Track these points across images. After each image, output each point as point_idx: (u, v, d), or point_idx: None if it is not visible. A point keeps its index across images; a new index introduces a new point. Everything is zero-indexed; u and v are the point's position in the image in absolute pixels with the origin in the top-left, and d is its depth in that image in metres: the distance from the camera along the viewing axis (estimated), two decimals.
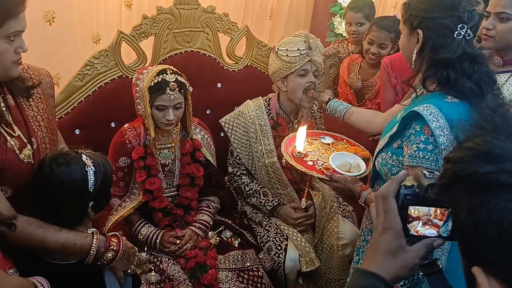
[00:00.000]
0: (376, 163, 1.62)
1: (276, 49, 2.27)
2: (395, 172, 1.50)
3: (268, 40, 3.52)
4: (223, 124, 2.35)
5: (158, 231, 1.99)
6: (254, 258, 2.06)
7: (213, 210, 2.14)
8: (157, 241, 1.96)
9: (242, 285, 1.94)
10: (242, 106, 2.36)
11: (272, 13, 3.52)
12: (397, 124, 1.50)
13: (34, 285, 1.25)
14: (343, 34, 3.47)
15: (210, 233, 2.10)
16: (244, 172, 2.38)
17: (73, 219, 1.46)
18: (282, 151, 1.95)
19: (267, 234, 2.24)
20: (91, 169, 1.43)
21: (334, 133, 2.11)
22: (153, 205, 1.99)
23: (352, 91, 2.78)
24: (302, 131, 2.00)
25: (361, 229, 1.84)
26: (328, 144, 2.07)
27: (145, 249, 1.97)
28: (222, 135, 2.46)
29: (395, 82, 2.29)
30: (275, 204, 2.29)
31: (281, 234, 2.24)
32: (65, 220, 1.44)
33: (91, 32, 2.89)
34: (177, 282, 1.89)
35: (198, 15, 2.37)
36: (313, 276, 2.39)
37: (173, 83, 1.88)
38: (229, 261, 1.99)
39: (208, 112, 2.53)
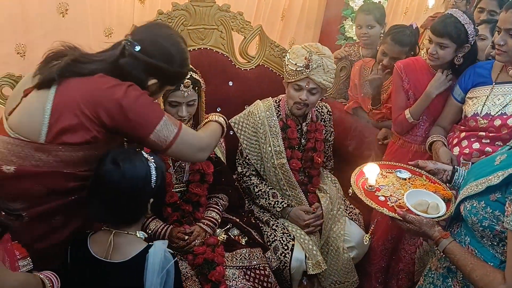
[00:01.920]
0: (462, 208, 1.51)
1: (287, 53, 2.26)
2: (486, 225, 1.41)
3: (279, 41, 3.51)
4: (232, 124, 2.35)
5: (167, 226, 1.99)
6: (261, 257, 2.06)
7: (221, 208, 2.15)
8: (165, 236, 1.96)
9: (248, 283, 1.94)
10: (252, 106, 2.36)
11: (284, 14, 3.53)
12: (500, 175, 1.37)
13: (42, 281, 1.23)
14: (354, 38, 3.48)
15: (218, 230, 2.10)
16: (253, 172, 2.38)
17: (132, 217, 1.45)
18: (351, 181, 1.78)
19: (274, 233, 2.24)
20: (153, 164, 1.41)
21: (412, 168, 1.87)
22: None
23: (362, 94, 2.79)
24: (375, 165, 1.81)
25: (428, 268, 1.73)
26: (405, 179, 1.83)
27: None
28: (231, 133, 2.46)
29: (408, 87, 2.29)
30: (284, 205, 2.29)
31: (288, 234, 2.24)
32: (124, 218, 1.43)
33: (103, 26, 2.89)
34: (184, 278, 1.89)
35: (213, 12, 2.38)
36: (318, 277, 2.39)
37: (188, 80, 1.88)
38: (236, 259, 1.99)
39: (218, 110, 2.53)
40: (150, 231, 1.98)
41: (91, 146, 1.43)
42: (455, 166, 1.78)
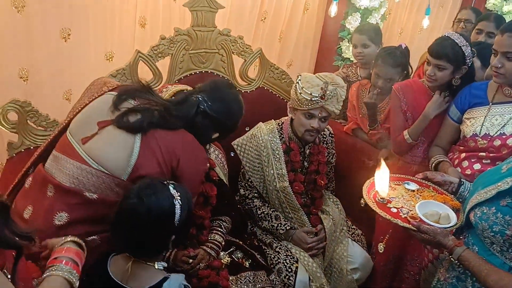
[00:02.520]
0: (472, 215, 1.56)
1: (297, 80, 2.25)
2: (497, 230, 1.47)
3: (277, 61, 3.57)
4: (235, 146, 2.37)
5: (171, 250, 1.98)
6: (266, 279, 2.06)
7: (225, 230, 2.15)
8: (170, 259, 1.96)
9: None
10: (255, 129, 2.38)
11: (282, 36, 3.58)
12: (510, 181, 1.44)
13: None
14: (351, 59, 3.53)
15: (221, 253, 2.10)
16: (256, 195, 2.39)
17: (152, 251, 1.46)
18: (363, 195, 1.81)
19: (278, 256, 2.24)
20: (178, 202, 1.41)
21: (419, 179, 1.92)
22: None
23: (361, 115, 2.82)
24: (385, 176, 1.82)
25: (436, 279, 1.77)
26: (413, 191, 1.87)
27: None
28: (232, 154, 2.47)
29: (406, 108, 2.33)
30: (287, 228, 2.30)
31: (292, 257, 2.24)
32: (144, 251, 1.44)
33: (105, 50, 2.93)
34: None
35: (214, 37, 2.42)
36: None
37: None
38: (241, 282, 1.99)
39: None
40: None
41: None
42: (461, 179, 1.82)
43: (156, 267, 1.45)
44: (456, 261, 1.54)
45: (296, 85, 2.22)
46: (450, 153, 2.22)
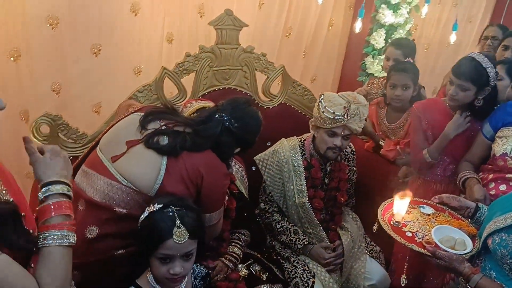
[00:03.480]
0: (490, 241, 1.54)
1: (320, 99, 2.27)
2: None
3: (301, 77, 3.63)
4: (257, 161, 2.42)
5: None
6: None
7: (243, 243, 2.19)
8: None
9: None
10: (277, 145, 2.42)
11: (306, 52, 3.63)
12: None
13: None
14: (375, 74, 3.54)
15: (239, 265, 2.14)
16: (276, 209, 2.43)
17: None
18: (378, 217, 1.81)
19: (295, 270, 2.26)
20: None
21: (434, 203, 1.91)
22: None
23: (380, 133, 2.83)
24: (404, 201, 1.82)
25: None
26: (429, 215, 1.86)
27: None
28: (254, 169, 2.52)
29: (426, 127, 2.33)
30: (305, 243, 2.32)
31: (309, 271, 2.25)
32: None
33: (133, 65, 3.05)
34: None
35: (237, 54, 2.49)
36: None
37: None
38: None
39: None
40: None
41: None
42: (478, 204, 1.80)
43: None
44: None
45: (319, 104, 2.25)
46: (479, 172, 2.20)
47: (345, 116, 2.16)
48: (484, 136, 2.19)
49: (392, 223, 1.76)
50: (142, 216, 1.45)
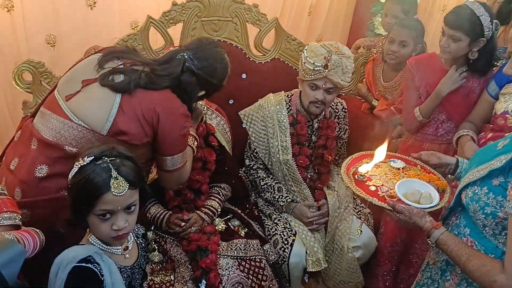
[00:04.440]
0: (463, 196, 1.45)
1: (304, 49, 2.20)
2: (489, 212, 1.35)
3: (306, 37, 3.49)
4: (242, 116, 2.35)
5: (166, 212, 2.02)
6: (258, 248, 2.04)
7: (222, 197, 2.15)
8: (163, 221, 1.99)
9: (242, 274, 1.93)
10: (263, 100, 2.34)
11: (311, 10, 3.48)
12: (503, 159, 1.33)
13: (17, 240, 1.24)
14: (383, 35, 3.37)
15: (217, 219, 2.10)
16: (261, 166, 2.37)
17: None
18: (341, 171, 1.76)
19: (275, 227, 2.22)
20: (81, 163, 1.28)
21: (407, 157, 1.81)
22: None
23: (377, 92, 2.71)
24: (377, 155, 1.74)
25: (426, 263, 1.68)
26: (398, 169, 1.77)
27: (152, 228, 2.01)
28: (244, 126, 2.45)
29: (419, 84, 2.19)
30: (288, 200, 2.27)
31: (290, 229, 2.20)
32: None
33: (130, 19, 2.98)
34: (178, 264, 1.91)
35: (227, 4, 2.40)
36: (322, 277, 2.34)
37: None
38: (231, 248, 1.99)
39: (231, 102, 2.54)
40: (149, 215, 2.02)
41: (141, 148, 1.62)
42: (458, 158, 1.69)
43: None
44: (434, 245, 1.44)
45: (302, 54, 2.16)
46: (482, 132, 2.07)
47: (326, 67, 2.05)
48: (489, 94, 2.04)
49: (356, 177, 1.68)
50: (72, 172, 1.29)
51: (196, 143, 1.90)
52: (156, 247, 1.97)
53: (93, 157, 1.27)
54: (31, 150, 1.57)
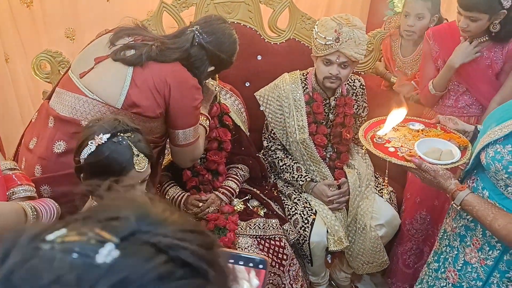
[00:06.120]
0: (482, 156, 1.39)
1: (315, 25, 2.16)
2: None
3: (325, 14, 3.41)
4: (258, 97, 2.32)
5: (183, 194, 2.02)
6: (278, 227, 2.02)
7: (240, 178, 2.14)
8: (182, 203, 2.00)
9: (262, 253, 1.91)
10: (278, 79, 2.31)
11: None
12: None
13: (24, 211, 1.27)
14: None
15: (235, 200, 2.10)
16: (279, 147, 2.34)
17: None
18: (359, 134, 1.70)
19: (295, 207, 2.19)
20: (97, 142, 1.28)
21: (427, 120, 1.75)
22: None
23: (396, 69, 2.63)
24: (391, 118, 1.67)
25: (443, 230, 1.63)
26: (417, 131, 1.70)
27: None
28: (262, 109, 2.43)
29: (436, 56, 2.10)
30: (308, 180, 2.23)
31: (310, 208, 2.17)
32: None
33: (146, 9, 3.01)
34: None
35: None
36: (346, 257, 2.29)
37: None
38: (250, 228, 1.97)
39: (247, 85, 2.52)
40: (168, 197, 2.03)
41: (155, 120, 1.63)
42: (477, 126, 1.61)
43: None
44: (459, 207, 1.38)
45: (313, 30, 2.12)
46: None
47: (337, 41, 2.00)
48: None
49: (374, 140, 1.63)
50: (87, 151, 1.26)
51: (208, 122, 1.90)
52: None
53: (109, 134, 1.27)
54: (48, 128, 1.61)
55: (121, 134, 1.29)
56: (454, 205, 1.40)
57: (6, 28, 2.67)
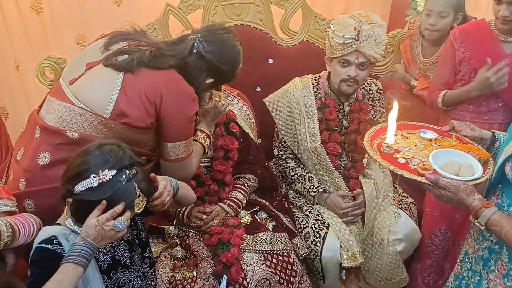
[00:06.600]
0: (508, 167, 1.28)
1: (330, 24, 2.04)
2: None
3: (343, 13, 3.27)
4: (267, 103, 2.20)
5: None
6: (286, 242, 1.89)
7: (248, 189, 2.03)
8: (185, 214, 1.90)
9: (269, 269, 1.78)
10: (288, 84, 2.18)
11: None
12: None
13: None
14: None
15: (242, 212, 1.98)
16: (290, 156, 2.21)
17: None
18: (364, 142, 1.58)
19: (306, 219, 2.06)
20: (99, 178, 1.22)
21: (439, 128, 1.60)
22: None
23: (417, 71, 2.47)
24: (392, 119, 1.54)
25: (464, 252, 1.48)
26: (430, 140, 1.54)
27: (174, 223, 1.92)
28: (273, 115, 2.31)
29: (462, 57, 1.94)
30: (320, 190, 2.09)
31: (322, 221, 2.03)
32: None
33: (156, 14, 2.94)
34: (200, 259, 1.81)
35: None
36: (362, 273, 2.14)
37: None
38: (256, 242, 1.85)
39: (258, 90, 2.42)
40: (171, 209, 1.93)
41: (145, 132, 1.53)
42: (495, 133, 1.45)
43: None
44: (484, 227, 1.22)
45: (328, 30, 1.99)
46: None
47: (357, 39, 1.87)
48: None
49: (382, 149, 1.47)
50: (86, 185, 1.19)
51: (209, 142, 1.80)
52: (179, 242, 1.88)
53: (115, 171, 1.21)
54: (34, 138, 1.54)
55: (126, 172, 1.23)
56: (477, 224, 1.24)
57: (16, 35, 2.65)
